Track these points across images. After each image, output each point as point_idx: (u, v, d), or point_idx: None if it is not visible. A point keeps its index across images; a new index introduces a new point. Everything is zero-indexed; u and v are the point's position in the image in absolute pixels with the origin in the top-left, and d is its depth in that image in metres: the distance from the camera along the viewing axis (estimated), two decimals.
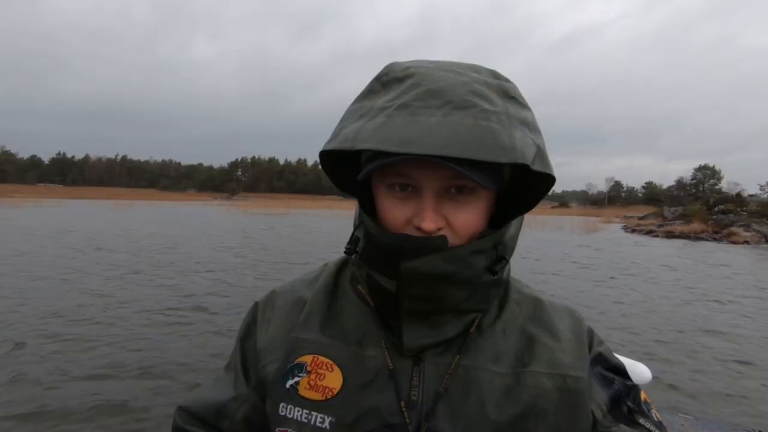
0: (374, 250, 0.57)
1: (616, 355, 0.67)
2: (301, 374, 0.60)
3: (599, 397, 0.59)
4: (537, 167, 0.51)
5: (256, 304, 0.70)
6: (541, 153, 0.52)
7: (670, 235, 28.37)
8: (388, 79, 0.56)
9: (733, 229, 29.26)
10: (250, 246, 14.32)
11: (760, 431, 2.05)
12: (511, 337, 0.61)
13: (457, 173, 0.51)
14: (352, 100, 0.58)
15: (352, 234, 0.62)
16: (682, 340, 6.18)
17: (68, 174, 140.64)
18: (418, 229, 0.54)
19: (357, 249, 0.61)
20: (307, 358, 0.60)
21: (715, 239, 27.94)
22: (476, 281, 0.56)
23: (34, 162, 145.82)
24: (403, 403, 0.56)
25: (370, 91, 0.56)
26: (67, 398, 3.51)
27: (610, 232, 30.16)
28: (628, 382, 0.62)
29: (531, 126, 0.54)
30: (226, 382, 0.67)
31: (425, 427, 0.56)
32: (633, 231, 32.24)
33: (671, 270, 12.70)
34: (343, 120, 0.56)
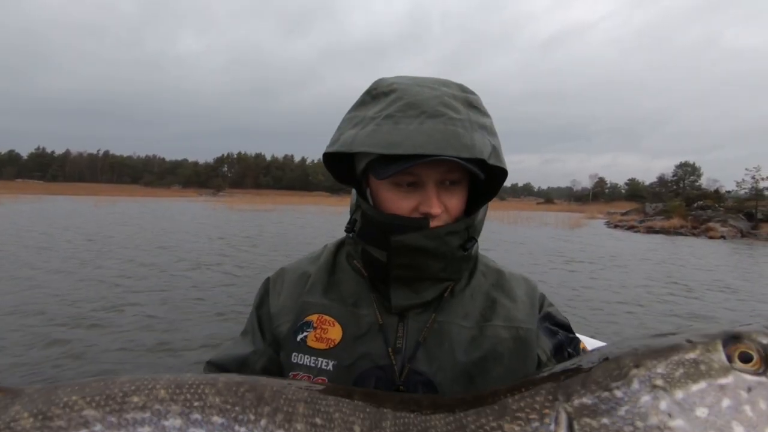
0: (370, 228, 0.72)
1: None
2: (309, 330, 0.74)
3: (545, 344, 0.74)
4: (492, 162, 0.65)
5: (268, 279, 0.85)
6: (496, 151, 0.67)
7: (650, 231, 29.11)
8: (377, 93, 0.70)
9: (711, 224, 30.15)
10: (245, 241, 14.37)
11: None
12: (477, 299, 0.76)
13: (451, 169, 0.67)
14: (348, 109, 0.73)
15: (351, 217, 0.78)
16: (656, 324, 6.49)
17: (48, 170, 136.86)
18: (425, 213, 0.68)
19: (354, 229, 0.76)
20: (313, 317, 0.75)
21: (693, 234, 28.77)
22: (451, 256, 0.70)
23: (12, 157, 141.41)
24: (390, 349, 0.71)
25: (362, 103, 0.71)
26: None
27: (594, 228, 30.81)
28: (571, 335, 0.78)
29: (489, 130, 0.68)
30: (246, 341, 0.81)
31: (408, 368, 0.70)
32: (615, 226, 32.97)
33: (648, 262, 13.15)
34: (340, 127, 0.71)
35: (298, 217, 28.47)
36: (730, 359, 0.39)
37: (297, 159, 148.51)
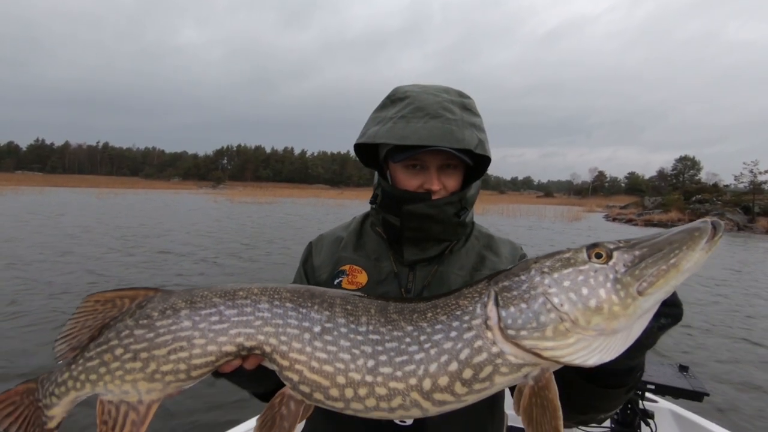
0: (387, 200, 0.98)
1: None
2: (343, 276, 1.00)
3: None
4: (478, 151, 0.91)
5: (311, 243, 1.12)
6: (482, 143, 0.92)
7: (648, 224, 29.37)
8: (394, 99, 0.96)
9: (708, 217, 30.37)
10: (256, 232, 14.67)
11: (681, 364, 2.47)
12: (470, 256, 1.02)
13: (448, 157, 0.92)
14: (373, 110, 0.99)
15: (374, 192, 1.04)
16: None
17: (47, 162, 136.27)
18: (428, 189, 0.94)
19: (376, 201, 1.02)
20: (346, 267, 1.01)
21: None
22: (448, 221, 0.95)
23: (11, 149, 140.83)
24: (402, 290, 0.97)
25: (383, 106, 0.97)
26: None
27: (592, 221, 31.05)
28: None
29: (478, 127, 0.94)
30: None
31: None
32: (614, 220, 33.26)
33: None
34: (367, 125, 0.98)
35: (299, 208, 28.66)
36: (589, 257, 0.64)
37: (297, 151, 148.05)
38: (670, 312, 0.65)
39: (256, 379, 0.74)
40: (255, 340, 0.69)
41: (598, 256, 0.63)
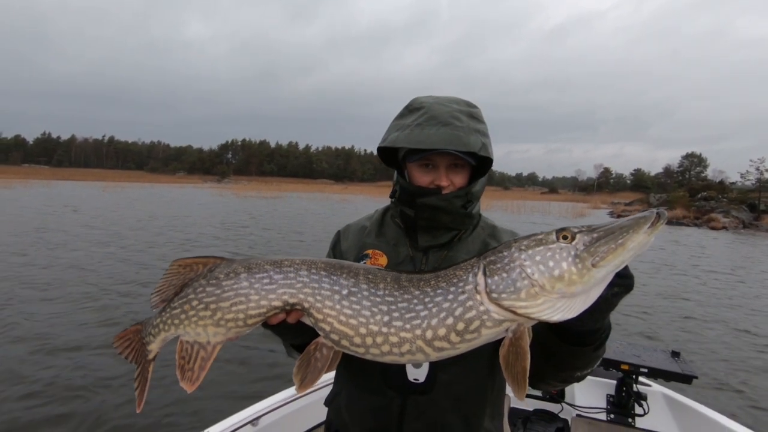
0: (404, 194, 1.14)
1: None
2: (366, 258, 1.16)
3: None
4: (482, 153, 1.07)
5: (338, 231, 1.29)
6: (485, 147, 1.08)
7: None
8: (412, 108, 1.12)
9: (713, 215, 30.19)
10: (267, 226, 14.91)
11: (673, 350, 2.64)
12: (476, 243, 1.18)
13: (457, 158, 1.08)
14: (394, 118, 1.15)
15: (393, 188, 1.21)
16: (642, 302, 6.96)
17: (53, 155, 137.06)
18: (437, 185, 1.10)
19: (395, 195, 1.19)
20: (369, 251, 1.17)
21: (695, 225, 28.92)
22: (456, 212, 1.11)
23: (18, 142, 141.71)
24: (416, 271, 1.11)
25: (402, 115, 1.14)
26: None
27: (597, 217, 31.00)
28: None
29: (482, 133, 1.10)
30: None
31: None
32: (618, 216, 32.99)
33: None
34: (388, 131, 1.14)
35: (305, 203, 28.80)
36: (557, 238, 0.78)
37: (301, 146, 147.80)
38: (622, 282, 0.80)
39: (295, 330, 0.92)
40: (296, 298, 0.87)
41: (565, 237, 0.78)
